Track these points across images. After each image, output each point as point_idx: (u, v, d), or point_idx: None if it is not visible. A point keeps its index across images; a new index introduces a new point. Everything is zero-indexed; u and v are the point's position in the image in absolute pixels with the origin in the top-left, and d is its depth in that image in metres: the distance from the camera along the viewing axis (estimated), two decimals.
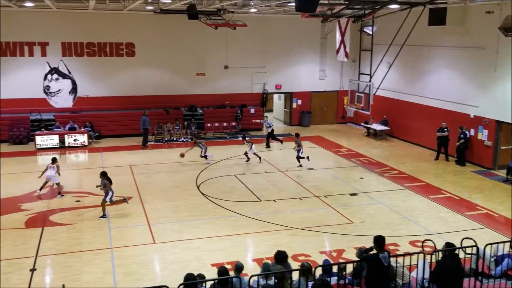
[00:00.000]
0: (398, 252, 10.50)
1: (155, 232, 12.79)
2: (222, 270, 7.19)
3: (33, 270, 10.61)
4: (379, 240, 7.19)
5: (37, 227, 13.00)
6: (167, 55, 25.36)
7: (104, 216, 13.74)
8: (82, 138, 22.35)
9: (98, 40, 24.23)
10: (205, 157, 19.69)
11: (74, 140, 22.31)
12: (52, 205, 14.78)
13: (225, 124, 25.88)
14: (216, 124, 25.70)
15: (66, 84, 24.21)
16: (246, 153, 19.97)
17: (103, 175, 14.03)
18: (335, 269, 7.53)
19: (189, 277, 7.08)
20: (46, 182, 15.82)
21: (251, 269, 10.38)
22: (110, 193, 13.87)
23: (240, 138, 22.44)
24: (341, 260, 10.75)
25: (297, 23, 26.22)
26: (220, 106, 26.55)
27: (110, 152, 21.68)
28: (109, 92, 24.81)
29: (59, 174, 15.99)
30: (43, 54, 23.54)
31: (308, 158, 19.11)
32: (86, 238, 12.36)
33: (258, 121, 24.78)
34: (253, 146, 19.95)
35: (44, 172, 15.74)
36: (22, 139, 22.50)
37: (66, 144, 22.13)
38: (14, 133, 22.52)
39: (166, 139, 23.99)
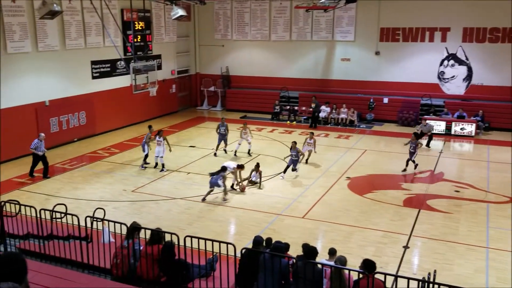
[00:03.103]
0: None
1: None
2: None
3: (406, 247, 10.87)
4: None
5: (414, 208, 13.24)
6: None
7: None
8: (470, 128, 21.37)
9: (503, 25, 22.29)
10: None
11: (461, 129, 21.59)
12: (431, 190, 14.76)
13: None
14: None
15: (461, 71, 23.51)
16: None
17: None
18: None
19: None
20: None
21: None
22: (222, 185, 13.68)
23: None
24: None
25: None
26: None
27: (498, 146, 19.91)
28: (508, 82, 22.58)
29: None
30: (443, 39, 23.50)
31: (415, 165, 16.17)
32: (461, 231, 11.76)
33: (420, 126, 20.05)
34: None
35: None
36: (410, 122, 23.41)
37: (452, 132, 21.67)
38: (403, 115, 23.68)
39: None
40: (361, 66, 25.12)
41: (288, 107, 25.58)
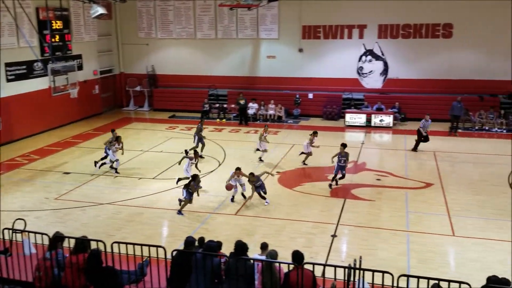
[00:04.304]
0: None
1: (455, 224, 11.88)
2: None
3: (334, 236, 11.33)
4: None
5: (340, 198, 13.82)
6: (487, 36, 22.76)
7: (180, 213, 12.75)
8: (388, 119, 22.56)
9: (414, 21, 23.71)
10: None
11: (380, 121, 22.74)
12: (355, 179, 15.44)
13: None
14: None
15: (378, 66, 24.72)
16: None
17: (193, 178, 12.89)
18: None
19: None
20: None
21: None
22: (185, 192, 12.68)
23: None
24: None
25: None
26: None
27: (413, 135, 21.06)
28: (420, 75, 24.10)
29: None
30: (360, 36, 24.56)
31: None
32: (383, 217, 12.45)
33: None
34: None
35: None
36: (334, 116, 24.31)
37: (372, 124, 22.76)
38: (327, 109, 24.54)
39: (476, 128, 21.91)
40: (286, 63, 25.64)
41: (217, 105, 25.58)
